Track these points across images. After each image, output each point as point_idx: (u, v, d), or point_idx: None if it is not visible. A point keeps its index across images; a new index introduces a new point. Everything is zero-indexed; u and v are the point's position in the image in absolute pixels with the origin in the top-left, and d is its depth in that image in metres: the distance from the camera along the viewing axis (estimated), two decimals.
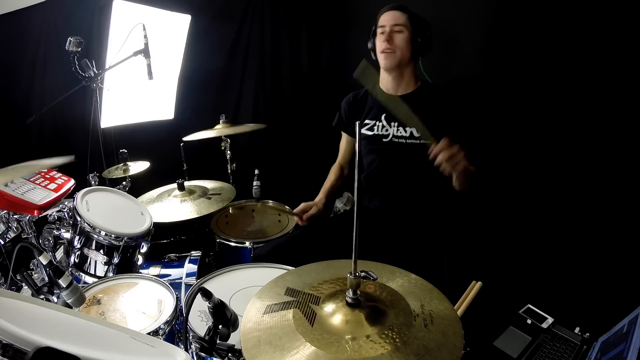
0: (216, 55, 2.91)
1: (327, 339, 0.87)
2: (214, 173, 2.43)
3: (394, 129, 1.82)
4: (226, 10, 2.89)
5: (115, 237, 1.61)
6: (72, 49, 2.03)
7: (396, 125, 1.82)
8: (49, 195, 1.70)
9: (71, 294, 1.14)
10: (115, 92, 2.37)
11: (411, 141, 1.79)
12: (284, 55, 3.03)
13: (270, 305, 0.99)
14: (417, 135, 1.77)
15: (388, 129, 1.83)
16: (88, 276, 1.62)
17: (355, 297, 0.92)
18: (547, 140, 1.88)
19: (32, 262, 1.59)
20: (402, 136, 1.80)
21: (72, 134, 2.63)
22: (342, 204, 2.91)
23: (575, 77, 1.74)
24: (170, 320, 1.33)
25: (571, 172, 1.82)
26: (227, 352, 1.04)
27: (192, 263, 1.91)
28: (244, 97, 3.06)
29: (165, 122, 2.78)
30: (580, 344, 1.40)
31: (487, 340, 1.42)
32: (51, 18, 2.51)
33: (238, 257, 2.02)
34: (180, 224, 2.10)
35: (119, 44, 2.20)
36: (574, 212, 1.82)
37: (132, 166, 2.21)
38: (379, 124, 1.85)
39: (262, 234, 2.12)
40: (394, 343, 0.85)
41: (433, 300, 0.99)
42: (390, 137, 1.83)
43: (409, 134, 1.79)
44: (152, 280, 1.54)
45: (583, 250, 1.79)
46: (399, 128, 1.81)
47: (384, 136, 1.84)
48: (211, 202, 2.09)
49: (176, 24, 2.62)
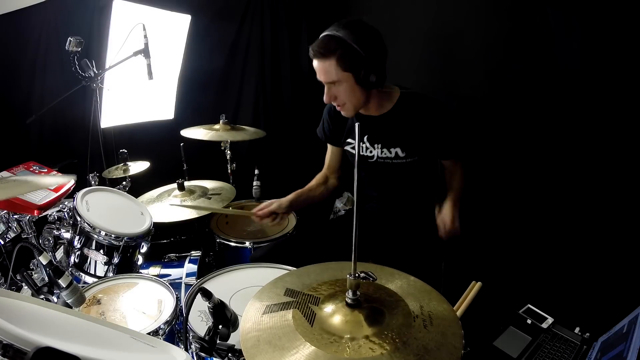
0: (216, 55, 2.91)
1: (327, 339, 0.87)
2: (214, 173, 2.43)
3: (377, 150, 1.69)
4: (226, 10, 2.89)
5: (115, 237, 1.61)
6: (72, 49, 2.03)
7: (380, 147, 1.69)
8: (49, 195, 1.70)
9: (71, 294, 1.14)
10: (115, 92, 2.37)
11: (397, 161, 1.68)
12: (284, 56, 3.03)
13: (269, 306, 0.99)
14: (402, 155, 1.66)
15: (372, 150, 1.70)
16: (88, 276, 1.62)
17: (354, 298, 0.92)
18: (547, 141, 1.88)
19: (32, 262, 1.59)
20: (387, 157, 1.69)
21: (72, 134, 2.63)
22: (342, 204, 2.91)
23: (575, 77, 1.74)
24: (170, 320, 1.33)
25: (571, 172, 1.82)
26: (227, 352, 1.04)
27: (192, 263, 1.91)
28: (244, 97, 3.07)
29: (165, 122, 2.78)
30: (580, 344, 1.40)
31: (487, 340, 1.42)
32: (51, 18, 2.50)
33: (238, 257, 2.02)
34: (180, 224, 2.10)
35: (119, 44, 2.20)
36: (574, 212, 1.82)
37: (132, 166, 2.21)
38: (362, 145, 1.72)
39: (262, 234, 2.13)
40: (394, 343, 0.85)
41: (432, 301, 0.99)
42: (375, 158, 1.71)
43: (394, 155, 1.67)
44: (152, 280, 1.54)
45: (583, 251, 1.79)
46: (382, 150, 1.68)
47: (369, 157, 1.72)
48: (211, 202, 2.09)
49: (176, 24, 2.62)
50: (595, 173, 1.73)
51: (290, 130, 3.07)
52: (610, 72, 1.63)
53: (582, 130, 1.74)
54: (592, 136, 1.71)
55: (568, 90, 1.77)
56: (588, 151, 1.73)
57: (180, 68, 2.75)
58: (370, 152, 1.72)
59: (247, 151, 2.96)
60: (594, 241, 1.75)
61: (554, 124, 1.84)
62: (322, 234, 1.86)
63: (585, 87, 1.70)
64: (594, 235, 1.75)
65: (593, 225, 1.76)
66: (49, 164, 2.04)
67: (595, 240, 1.75)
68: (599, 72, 1.65)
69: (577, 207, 1.81)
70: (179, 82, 2.79)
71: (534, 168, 1.94)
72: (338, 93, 1.55)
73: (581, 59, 1.71)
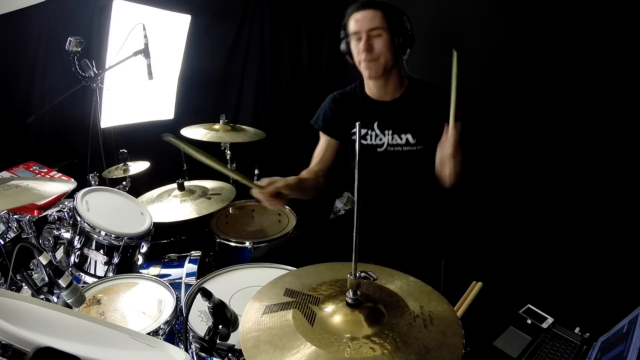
0: (216, 55, 2.91)
1: (327, 338, 0.87)
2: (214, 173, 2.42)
3: (388, 137, 1.69)
4: (226, 11, 2.89)
5: (115, 237, 1.61)
6: (72, 49, 2.03)
7: (390, 133, 1.69)
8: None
9: (71, 294, 1.14)
10: (115, 92, 2.37)
11: (407, 148, 1.69)
12: (284, 56, 3.03)
13: (269, 306, 0.99)
14: (412, 142, 1.68)
15: (382, 137, 1.70)
16: (88, 276, 1.62)
17: (355, 298, 0.92)
18: (547, 141, 1.88)
19: (32, 262, 1.59)
20: (397, 144, 1.69)
21: (72, 134, 2.63)
22: (342, 204, 2.91)
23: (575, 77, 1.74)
24: (170, 320, 1.33)
25: (571, 172, 1.82)
26: (227, 352, 1.04)
27: (192, 263, 1.91)
28: (244, 97, 3.07)
29: (165, 122, 2.78)
30: (580, 344, 1.40)
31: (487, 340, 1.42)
32: (51, 18, 2.51)
33: (238, 257, 2.02)
34: (180, 224, 2.10)
35: (119, 44, 2.20)
36: (574, 212, 1.82)
37: (132, 166, 2.21)
38: (371, 132, 1.71)
39: (262, 234, 2.13)
40: (395, 343, 0.85)
41: (432, 301, 0.99)
42: (385, 146, 1.71)
43: (405, 141, 1.68)
44: (152, 280, 1.54)
45: (583, 250, 1.79)
46: (393, 136, 1.69)
47: (378, 146, 1.71)
48: (211, 202, 2.09)
49: (176, 24, 2.62)
50: (595, 173, 1.73)
51: (290, 131, 3.07)
52: (610, 72, 1.63)
53: (582, 130, 1.74)
54: (592, 136, 1.71)
55: (568, 90, 1.77)
56: (588, 151, 1.73)
57: (180, 68, 2.75)
58: (379, 140, 1.70)
59: (247, 151, 2.96)
60: (594, 241, 1.75)
61: (554, 124, 1.84)
62: (322, 234, 1.86)
63: (585, 87, 1.70)
64: (594, 235, 1.75)
65: (593, 225, 1.75)
66: (49, 164, 2.04)
67: (595, 240, 1.75)
68: (599, 72, 1.65)
69: (577, 207, 1.81)
70: (179, 82, 2.79)
71: (534, 168, 1.94)
72: (376, 44, 1.59)
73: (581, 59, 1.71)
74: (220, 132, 2.37)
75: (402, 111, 1.67)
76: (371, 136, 1.72)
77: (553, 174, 1.88)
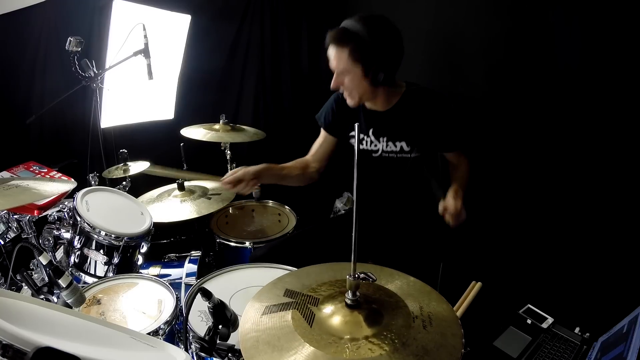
0: (216, 55, 2.91)
1: (326, 339, 0.87)
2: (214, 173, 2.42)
3: (383, 144, 1.71)
4: (226, 10, 2.89)
5: (115, 237, 1.61)
6: (72, 49, 2.03)
7: (385, 140, 1.70)
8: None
9: (71, 294, 1.14)
10: (115, 92, 2.36)
11: (402, 155, 1.70)
12: (284, 55, 3.02)
13: (269, 307, 0.99)
14: (407, 149, 1.68)
15: (377, 144, 1.71)
16: (88, 276, 1.62)
17: (354, 299, 0.92)
18: (547, 141, 1.88)
19: (32, 262, 1.59)
20: (392, 151, 1.70)
21: (72, 134, 2.63)
22: (342, 204, 2.91)
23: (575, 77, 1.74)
24: (170, 320, 1.33)
25: (571, 172, 1.82)
26: (227, 352, 1.04)
27: (192, 263, 1.91)
28: (244, 97, 3.06)
29: (165, 122, 2.77)
30: (580, 344, 1.40)
31: (487, 340, 1.42)
32: (51, 18, 2.50)
33: (238, 257, 2.02)
34: (180, 224, 2.10)
35: (119, 44, 2.19)
36: (574, 212, 1.82)
37: (132, 166, 2.20)
38: (367, 138, 1.72)
39: (262, 234, 2.13)
40: (393, 344, 0.85)
41: (432, 302, 0.99)
42: (379, 152, 1.72)
43: (399, 149, 1.69)
44: (152, 280, 1.54)
45: (583, 251, 1.79)
46: (388, 143, 1.70)
47: (374, 151, 1.73)
48: (211, 202, 2.09)
49: (176, 24, 2.62)
50: (596, 173, 1.73)
51: (290, 131, 3.07)
52: (610, 72, 1.63)
53: (583, 130, 1.74)
54: (593, 136, 1.71)
55: (568, 90, 1.77)
56: (588, 151, 1.73)
57: (180, 68, 2.75)
58: (375, 146, 1.72)
59: (247, 151, 2.96)
60: (594, 241, 1.75)
61: (554, 124, 1.84)
62: (322, 234, 1.86)
63: (585, 87, 1.70)
64: (594, 235, 1.75)
65: (593, 225, 1.76)
66: (49, 164, 2.04)
67: (595, 240, 1.75)
68: (599, 72, 1.65)
69: (577, 207, 1.81)
70: (179, 82, 2.79)
71: (534, 168, 1.94)
72: (345, 82, 1.57)
73: (581, 58, 1.71)
74: (220, 132, 2.37)
75: (397, 120, 1.67)
76: (367, 142, 1.73)
77: (553, 175, 1.88)
